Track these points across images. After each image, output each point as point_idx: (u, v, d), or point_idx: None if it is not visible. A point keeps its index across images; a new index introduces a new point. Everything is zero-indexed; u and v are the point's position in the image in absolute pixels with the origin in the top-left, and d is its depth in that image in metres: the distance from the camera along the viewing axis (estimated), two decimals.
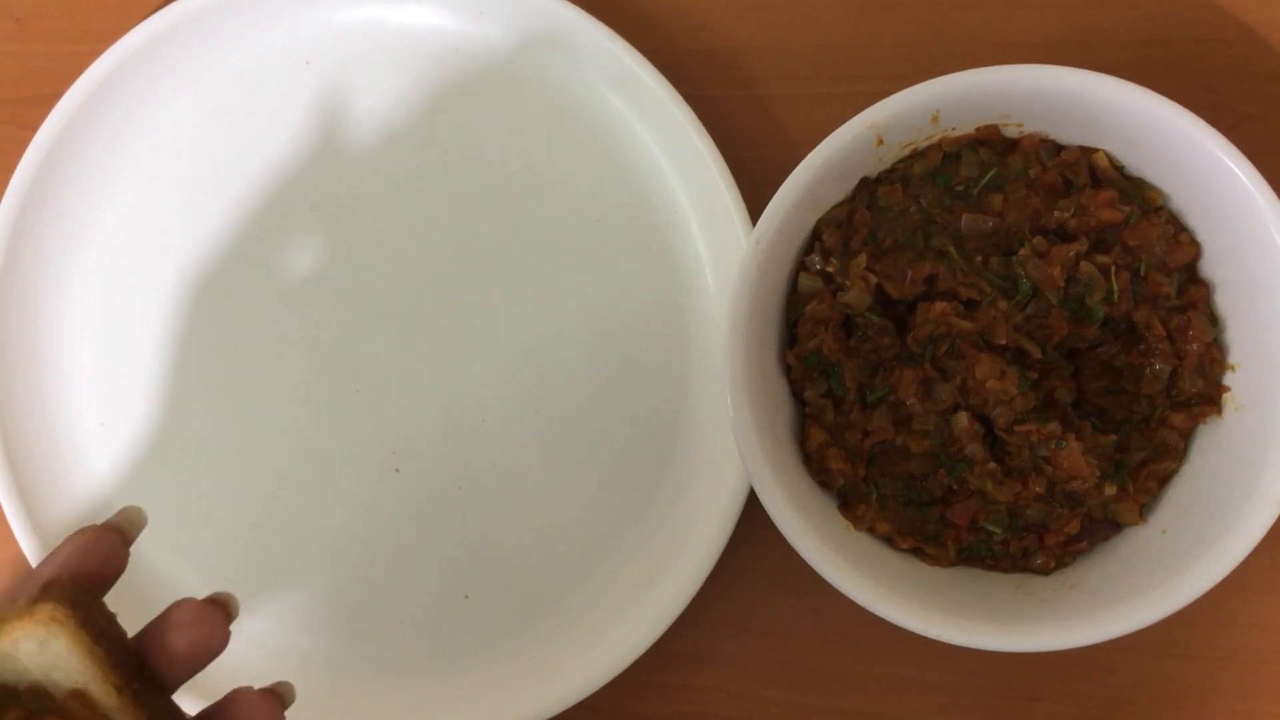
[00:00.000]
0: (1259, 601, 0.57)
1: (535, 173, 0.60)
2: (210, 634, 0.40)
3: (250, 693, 0.41)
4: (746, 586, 0.59)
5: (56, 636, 0.38)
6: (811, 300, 0.53)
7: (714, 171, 0.57)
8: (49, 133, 0.59)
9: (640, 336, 0.59)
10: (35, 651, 0.38)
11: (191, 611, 0.40)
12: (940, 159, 0.53)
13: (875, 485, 0.53)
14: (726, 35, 0.60)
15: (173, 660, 0.40)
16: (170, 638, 0.40)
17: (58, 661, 0.38)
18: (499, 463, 0.60)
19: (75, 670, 0.38)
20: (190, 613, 0.40)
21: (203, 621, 0.40)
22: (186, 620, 0.40)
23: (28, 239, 0.60)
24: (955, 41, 0.59)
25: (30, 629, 0.38)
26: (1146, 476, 0.52)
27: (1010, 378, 0.50)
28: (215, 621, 0.40)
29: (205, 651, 0.40)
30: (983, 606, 0.51)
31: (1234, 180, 0.48)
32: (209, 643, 0.40)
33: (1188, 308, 0.52)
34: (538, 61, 0.60)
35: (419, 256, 0.60)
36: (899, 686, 0.58)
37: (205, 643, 0.40)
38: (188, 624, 0.40)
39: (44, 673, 0.38)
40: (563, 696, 0.58)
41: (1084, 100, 0.50)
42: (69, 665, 0.38)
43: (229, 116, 0.61)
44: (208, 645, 0.40)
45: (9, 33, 0.63)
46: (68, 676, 0.38)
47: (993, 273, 0.52)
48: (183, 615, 0.40)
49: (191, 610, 0.40)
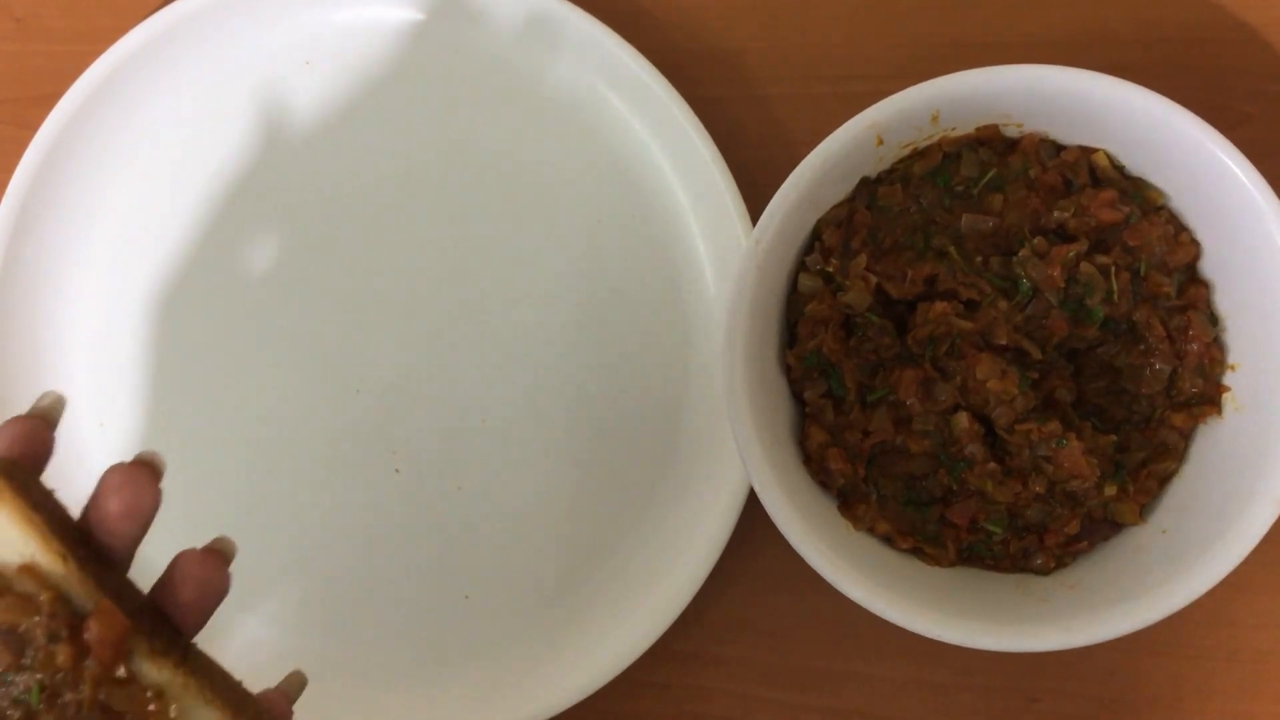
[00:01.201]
0: (1259, 601, 0.57)
1: (535, 173, 0.60)
2: (140, 492, 0.41)
3: (193, 552, 0.42)
4: (746, 586, 0.59)
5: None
6: (811, 300, 0.53)
7: (714, 171, 0.57)
8: (49, 133, 0.59)
9: (640, 337, 0.59)
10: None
11: (120, 473, 0.41)
12: (940, 159, 0.53)
13: (875, 485, 0.53)
14: (726, 35, 0.60)
15: (112, 525, 0.41)
16: (104, 502, 0.41)
17: (2, 536, 0.38)
18: (499, 463, 0.60)
19: (18, 543, 0.38)
20: (119, 473, 0.41)
21: (132, 481, 0.41)
22: (116, 483, 0.41)
23: (28, 239, 0.60)
24: (955, 41, 0.59)
25: None
26: (1146, 476, 0.52)
27: (1011, 377, 0.50)
28: (144, 481, 0.41)
29: (139, 511, 0.41)
30: (983, 606, 0.51)
31: (1234, 180, 0.48)
32: (140, 501, 0.41)
33: (1188, 308, 0.52)
34: (537, 61, 0.60)
35: (419, 256, 0.60)
36: (899, 686, 0.58)
37: (137, 502, 0.41)
38: (117, 486, 0.41)
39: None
40: (563, 696, 0.57)
41: (1084, 100, 0.50)
42: (11, 538, 0.38)
43: (229, 116, 0.61)
44: (140, 504, 0.41)
45: (9, 33, 0.63)
46: (12, 550, 0.38)
47: (993, 273, 0.52)
48: (112, 478, 0.41)
49: (120, 472, 0.41)
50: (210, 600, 0.42)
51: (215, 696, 0.39)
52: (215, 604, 0.42)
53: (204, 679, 0.40)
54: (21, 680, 0.38)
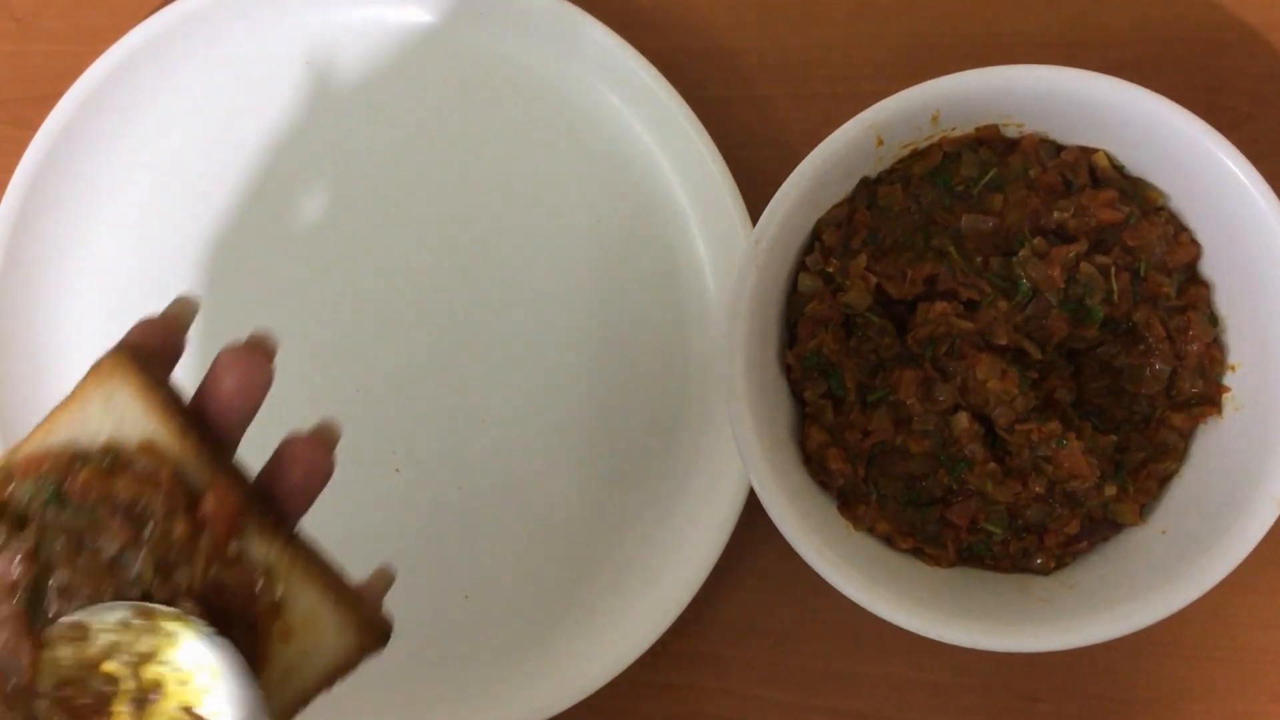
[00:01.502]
0: (1259, 601, 0.57)
1: (535, 172, 0.60)
2: (254, 369, 0.42)
3: (300, 436, 0.43)
4: (747, 587, 0.59)
5: (120, 388, 0.40)
6: (811, 300, 0.53)
7: (714, 171, 0.57)
8: (49, 133, 0.59)
9: (640, 336, 0.59)
10: (102, 410, 0.40)
11: (234, 352, 0.42)
12: (940, 159, 0.53)
13: (875, 485, 0.53)
14: (726, 35, 0.60)
15: (226, 403, 0.42)
16: (219, 381, 0.42)
17: (124, 414, 0.40)
18: (499, 463, 0.60)
19: (140, 421, 0.40)
20: (233, 353, 0.42)
21: (246, 359, 0.42)
22: (230, 361, 0.42)
23: (28, 239, 0.60)
24: (955, 41, 0.59)
25: (95, 384, 0.40)
26: (1146, 476, 0.52)
27: (1011, 377, 0.50)
28: (258, 359, 0.42)
29: (253, 388, 0.42)
30: (983, 606, 0.51)
31: (1234, 180, 0.48)
32: (255, 378, 0.42)
33: (1188, 308, 0.52)
34: (538, 62, 0.60)
35: (419, 256, 0.60)
36: (899, 686, 0.58)
37: (251, 379, 0.42)
38: (232, 364, 0.42)
39: (114, 430, 0.40)
40: (563, 696, 0.57)
41: (1084, 100, 0.50)
42: (134, 416, 0.40)
43: (228, 117, 0.61)
44: (254, 381, 0.42)
45: (9, 33, 0.63)
46: (134, 429, 0.40)
47: (993, 273, 0.52)
48: (226, 357, 0.42)
49: (234, 351, 0.42)
50: (316, 483, 0.43)
51: (318, 580, 0.40)
52: (320, 487, 0.43)
53: (308, 563, 0.41)
54: (139, 558, 0.39)
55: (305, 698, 0.41)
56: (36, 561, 0.39)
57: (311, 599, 0.40)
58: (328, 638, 0.40)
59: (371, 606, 0.43)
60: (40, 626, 0.38)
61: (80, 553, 0.39)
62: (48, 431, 0.40)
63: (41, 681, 0.39)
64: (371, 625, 0.41)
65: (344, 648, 0.41)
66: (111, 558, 0.39)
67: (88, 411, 0.40)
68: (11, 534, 0.39)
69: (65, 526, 0.39)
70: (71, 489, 0.39)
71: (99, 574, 0.39)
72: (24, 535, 0.39)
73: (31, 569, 0.39)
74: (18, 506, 0.39)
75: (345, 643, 0.41)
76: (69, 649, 0.39)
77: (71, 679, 0.39)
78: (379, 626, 0.42)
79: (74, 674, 0.39)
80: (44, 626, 0.38)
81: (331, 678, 0.41)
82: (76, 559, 0.39)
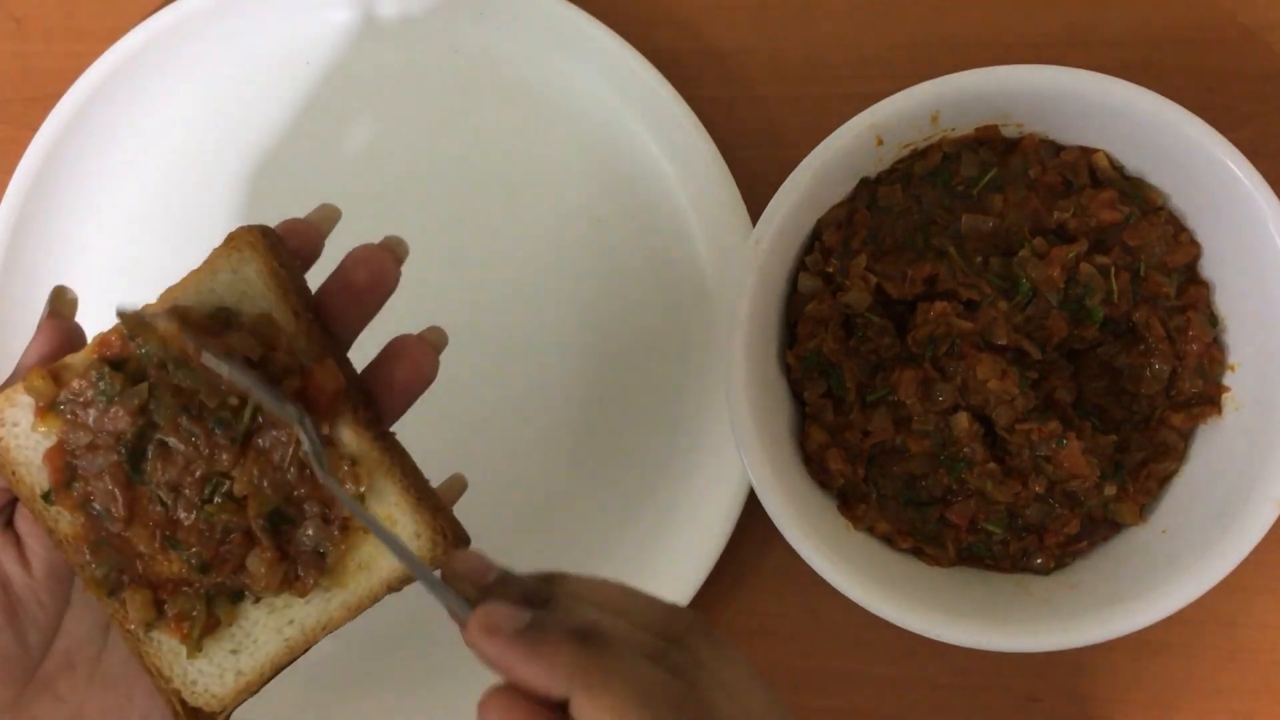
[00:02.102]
0: (1259, 601, 0.57)
1: (535, 172, 0.60)
2: (385, 267, 0.44)
3: (411, 336, 0.45)
4: (746, 586, 0.59)
5: (248, 261, 0.41)
6: (811, 300, 0.53)
7: (714, 171, 0.57)
8: (49, 133, 0.59)
9: (640, 336, 0.59)
10: (230, 281, 0.41)
11: (367, 249, 0.44)
12: (940, 159, 0.53)
13: (875, 485, 0.53)
14: (726, 36, 0.60)
15: (353, 295, 0.43)
16: (350, 273, 0.43)
17: (247, 289, 0.41)
18: (498, 463, 0.60)
19: (260, 297, 0.41)
20: (366, 249, 0.44)
21: (379, 257, 0.44)
22: (364, 255, 0.43)
23: (28, 239, 0.60)
24: (955, 41, 0.59)
25: (226, 254, 0.42)
26: (1146, 476, 0.52)
27: (1011, 377, 0.50)
28: (389, 258, 0.44)
29: (382, 284, 0.44)
30: (983, 606, 0.51)
31: (1234, 180, 0.48)
32: (385, 274, 0.44)
33: (1188, 308, 0.52)
34: (538, 61, 0.60)
35: (418, 256, 0.60)
36: (899, 686, 0.58)
37: (382, 275, 0.44)
38: (365, 259, 0.43)
39: (236, 301, 0.41)
40: None
41: (1084, 100, 0.50)
42: (257, 292, 0.41)
43: (228, 116, 0.61)
44: (384, 277, 0.44)
45: (9, 33, 0.63)
46: (254, 304, 0.41)
47: (993, 273, 0.52)
48: (360, 252, 0.44)
49: (367, 248, 0.44)
50: (418, 383, 0.44)
51: (401, 482, 0.41)
52: (421, 388, 0.45)
53: (396, 462, 0.42)
54: (244, 415, 0.40)
55: (375, 595, 0.42)
56: (143, 416, 0.40)
57: (392, 498, 0.41)
58: (404, 539, 0.41)
59: (448, 513, 0.44)
60: (137, 481, 0.41)
61: (185, 415, 0.40)
62: (177, 293, 0.42)
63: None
64: (445, 533, 0.42)
65: (417, 551, 0.41)
66: (215, 420, 0.40)
67: (216, 279, 0.41)
68: (125, 386, 0.40)
69: (177, 388, 0.40)
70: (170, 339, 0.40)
71: (200, 438, 0.40)
72: (137, 390, 0.40)
73: (137, 423, 0.40)
74: (138, 363, 0.41)
75: (419, 547, 0.41)
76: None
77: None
78: (454, 534, 0.43)
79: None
80: (140, 483, 0.41)
81: (401, 580, 0.42)
82: (180, 420, 0.40)
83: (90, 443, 0.41)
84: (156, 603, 0.41)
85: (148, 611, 0.41)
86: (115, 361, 0.41)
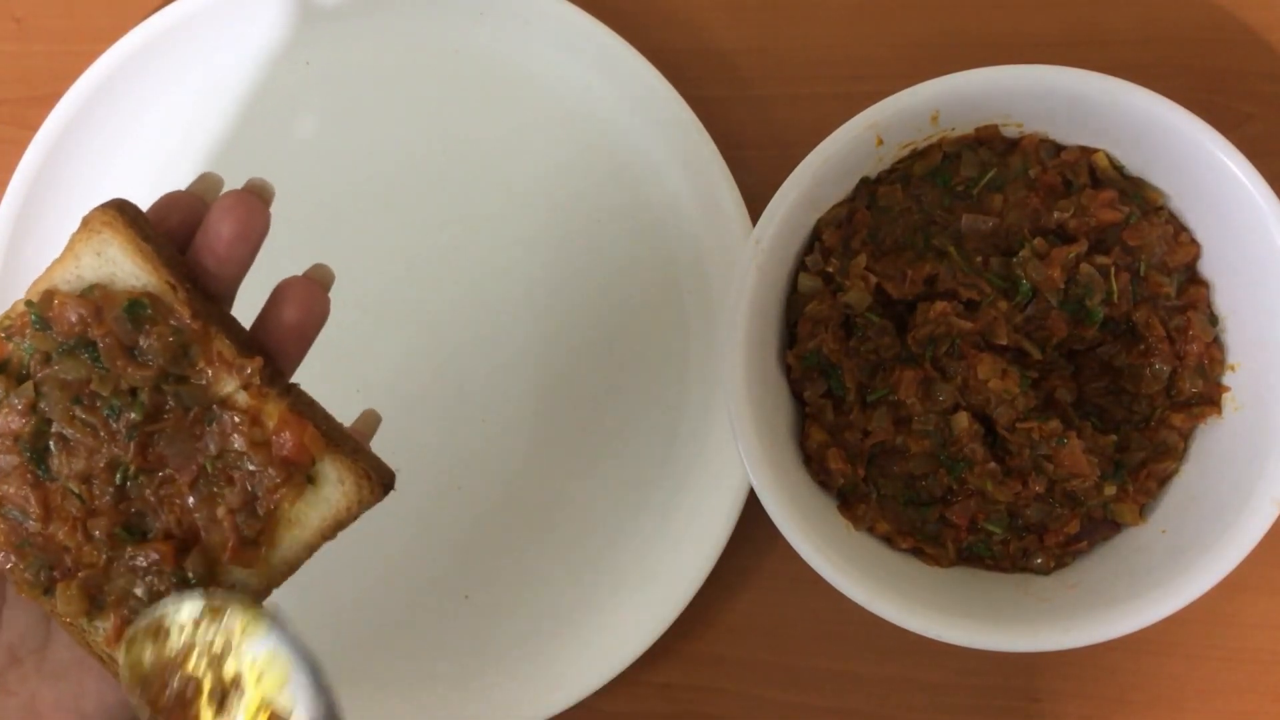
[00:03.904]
0: (1259, 601, 0.57)
1: (535, 172, 0.60)
2: (253, 214, 0.42)
3: (296, 277, 0.44)
4: (747, 586, 0.59)
5: (109, 242, 0.41)
6: (811, 300, 0.53)
7: (714, 171, 0.57)
8: (49, 133, 0.59)
9: (640, 337, 0.59)
10: (95, 263, 0.41)
11: (233, 196, 0.42)
12: (940, 159, 0.53)
13: (875, 485, 0.53)
14: (726, 35, 0.60)
15: (224, 250, 0.42)
16: (217, 226, 0.42)
17: (115, 268, 0.41)
18: (499, 463, 0.60)
19: (130, 274, 0.41)
20: (231, 197, 0.42)
21: (244, 203, 0.42)
22: (229, 204, 0.42)
23: (28, 239, 0.60)
24: (955, 41, 0.59)
25: (85, 238, 0.41)
26: (1146, 476, 0.52)
27: (1012, 377, 0.50)
28: (255, 204, 0.42)
29: (251, 233, 0.42)
30: (983, 606, 0.51)
31: (1234, 180, 0.48)
32: (253, 223, 0.42)
33: (1188, 308, 0.52)
34: (538, 61, 0.60)
35: (419, 256, 0.60)
36: (899, 686, 0.58)
37: (250, 223, 0.42)
38: (230, 207, 0.42)
39: (107, 281, 0.41)
40: (563, 696, 0.58)
41: (1084, 100, 0.50)
42: (127, 269, 0.41)
43: (228, 117, 0.61)
44: (252, 225, 0.42)
45: (9, 33, 0.63)
46: (125, 283, 0.41)
47: (993, 273, 0.52)
48: (225, 200, 0.42)
49: (233, 195, 0.42)
50: (311, 324, 0.43)
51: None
52: (315, 329, 0.44)
53: (306, 414, 0.42)
54: (140, 399, 0.40)
55: (310, 547, 0.42)
56: (35, 414, 0.40)
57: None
58: (326, 489, 0.41)
59: (368, 454, 0.43)
60: (46, 479, 0.41)
61: (78, 405, 0.40)
62: (43, 284, 0.41)
63: (124, 681, 0.40)
64: (369, 475, 0.42)
65: (343, 497, 0.41)
66: (108, 407, 0.40)
67: (81, 264, 0.41)
68: (9, 388, 0.40)
69: (65, 381, 0.40)
70: (55, 318, 0.40)
71: (97, 425, 0.40)
72: (22, 389, 0.40)
73: (30, 420, 0.40)
74: (19, 363, 0.41)
75: (345, 492, 0.41)
76: (149, 650, 0.40)
77: (151, 679, 0.40)
78: (379, 476, 0.42)
79: (154, 674, 0.40)
80: (49, 479, 0.40)
81: (332, 529, 0.42)
82: (73, 411, 0.40)
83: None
84: (90, 594, 0.41)
85: (80, 604, 0.41)
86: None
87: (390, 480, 0.43)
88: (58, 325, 0.40)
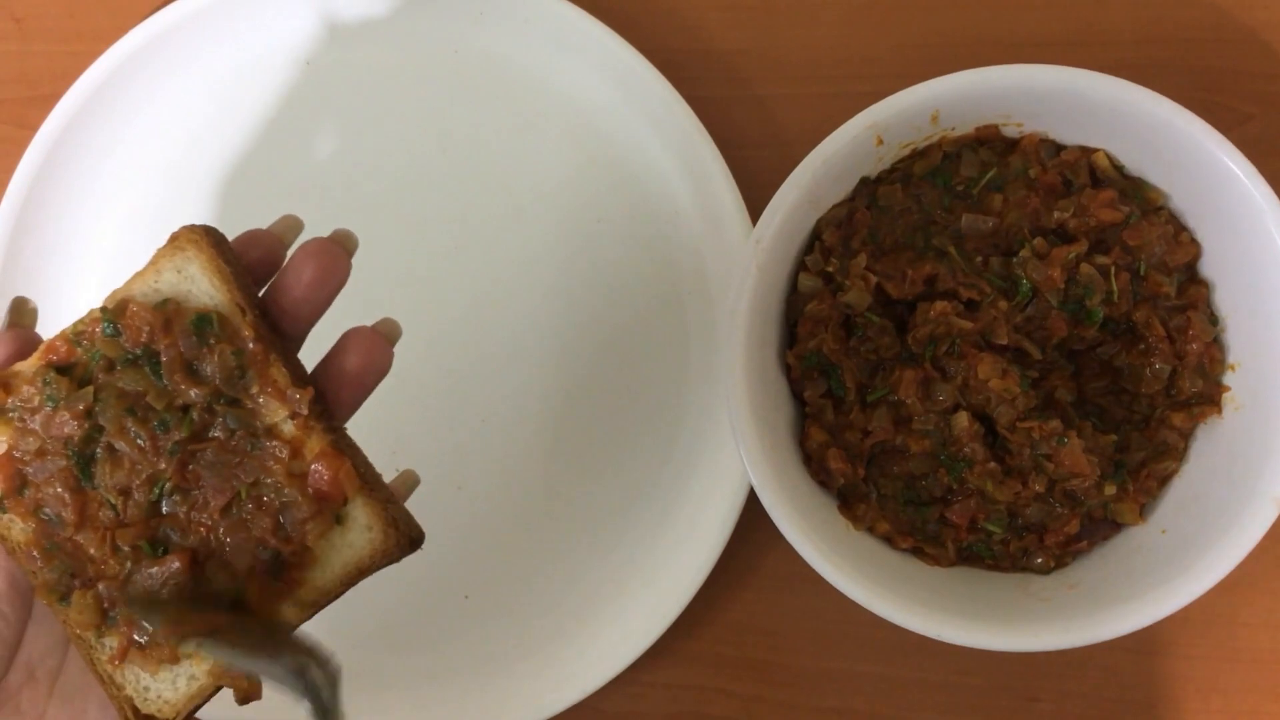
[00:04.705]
0: (1259, 601, 0.57)
1: (535, 172, 0.60)
2: (335, 262, 0.43)
3: (363, 328, 0.44)
4: (746, 586, 0.59)
5: (191, 260, 0.42)
6: (811, 300, 0.53)
7: (714, 171, 0.57)
8: (49, 133, 0.59)
9: (640, 337, 0.59)
10: (175, 280, 0.42)
11: (318, 242, 0.43)
12: (940, 159, 0.53)
13: (875, 485, 0.53)
14: (726, 36, 0.60)
15: (303, 292, 0.43)
16: (299, 269, 0.43)
17: (192, 285, 0.42)
18: (499, 462, 0.60)
19: (205, 293, 0.42)
20: (317, 243, 0.43)
21: (329, 251, 0.43)
22: (314, 249, 0.43)
23: (28, 239, 0.60)
24: (955, 41, 0.59)
25: (170, 253, 0.42)
26: (1146, 476, 0.52)
27: (1012, 376, 0.50)
28: (339, 252, 0.44)
29: (331, 279, 0.43)
30: (983, 606, 0.51)
31: (1234, 180, 0.48)
32: (335, 269, 0.43)
33: (1188, 308, 0.52)
34: (538, 62, 0.60)
35: (419, 256, 0.60)
36: (899, 686, 0.58)
37: (332, 270, 0.43)
38: (315, 253, 0.43)
39: (183, 298, 0.42)
40: (563, 696, 0.58)
41: (1084, 100, 0.50)
42: (201, 288, 0.42)
43: (229, 117, 0.61)
44: (334, 272, 0.43)
45: (9, 33, 0.63)
46: (198, 301, 0.42)
47: (993, 273, 0.52)
48: (310, 245, 0.43)
49: (318, 242, 0.43)
50: (371, 374, 0.44)
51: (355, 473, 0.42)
52: (375, 381, 0.44)
53: (348, 453, 0.42)
54: (190, 414, 0.41)
55: (328, 591, 0.42)
56: (89, 420, 0.41)
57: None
58: (353, 533, 0.42)
59: (400, 507, 0.44)
60: (87, 486, 0.41)
61: (131, 417, 0.41)
62: (123, 293, 0.42)
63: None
64: (398, 526, 0.42)
65: (368, 544, 0.42)
66: (159, 422, 0.41)
67: (160, 278, 0.42)
68: (71, 391, 0.41)
69: (123, 391, 0.41)
70: (127, 326, 0.41)
71: (145, 438, 0.41)
72: (82, 394, 0.41)
73: (83, 426, 0.41)
74: (83, 369, 0.41)
75: (371, 540, 0.42)
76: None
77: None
78: (407, 530, 0.43)
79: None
80: (90, 487, 0.41)
81: (354, 574, 0.42)
82: (125, 422, 0.41)
83: (39, 448, 0.41)
84: (103, 608, 0.42)
85: (95, 614, 0.41)
86: (62, 367, 0.41)
87: (419, 537, 0.43)
88: (128, 334, 0.41)
